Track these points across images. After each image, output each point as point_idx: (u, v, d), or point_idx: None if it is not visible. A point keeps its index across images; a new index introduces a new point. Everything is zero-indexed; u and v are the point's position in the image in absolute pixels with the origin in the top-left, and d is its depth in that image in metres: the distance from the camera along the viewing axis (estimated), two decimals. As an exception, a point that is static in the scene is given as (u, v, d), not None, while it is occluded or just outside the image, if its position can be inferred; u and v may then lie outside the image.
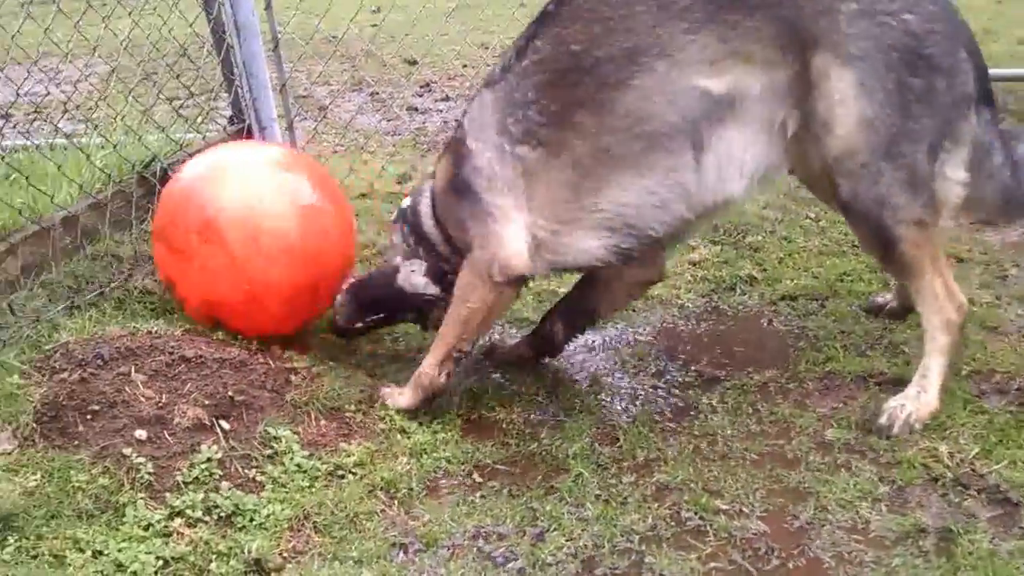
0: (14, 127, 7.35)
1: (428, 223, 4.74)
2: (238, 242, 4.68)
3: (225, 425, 4.23)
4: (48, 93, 7.16)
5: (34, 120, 7.61)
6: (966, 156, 4.10)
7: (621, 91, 4.16)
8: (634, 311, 5.53)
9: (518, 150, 4.31)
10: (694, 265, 5.92)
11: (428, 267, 4.78)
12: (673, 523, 3.83)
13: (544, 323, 5.06)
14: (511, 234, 4.37)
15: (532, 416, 4.65)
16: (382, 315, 4.97)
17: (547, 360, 5.16)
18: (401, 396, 4.62)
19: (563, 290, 5.28)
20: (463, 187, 4.44)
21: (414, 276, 4.81)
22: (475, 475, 4.24)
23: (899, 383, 4.52)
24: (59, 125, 6.25)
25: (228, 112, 7.19)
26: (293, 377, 4.66)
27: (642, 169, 4.22)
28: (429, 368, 4.57)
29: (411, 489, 4.11)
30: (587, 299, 4.97)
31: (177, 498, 3.87)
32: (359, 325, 4.98)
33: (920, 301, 4.29)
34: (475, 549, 3.77)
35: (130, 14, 6.35)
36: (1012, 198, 4.30)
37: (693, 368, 4.95)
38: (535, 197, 4.34)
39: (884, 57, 3.97)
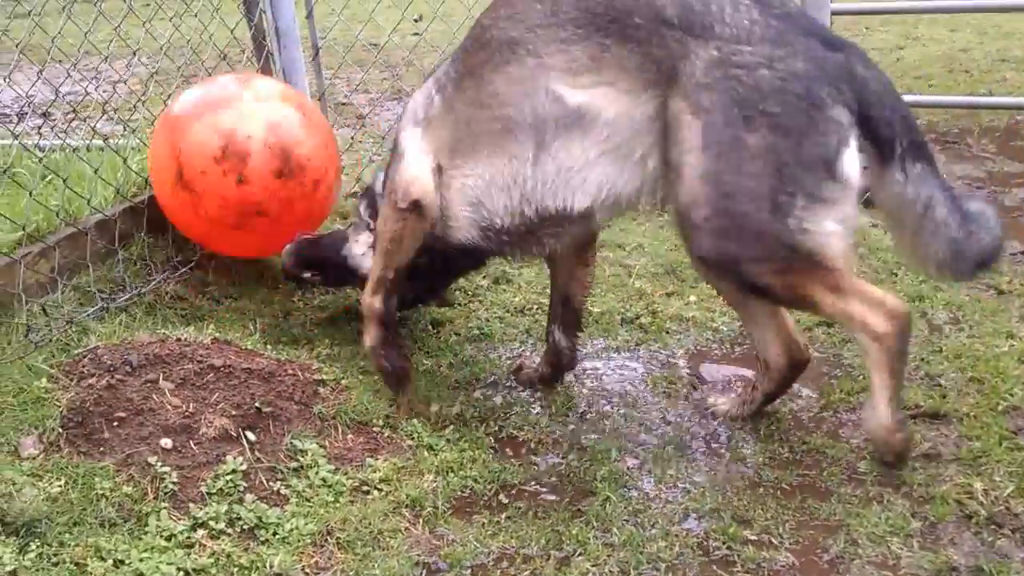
0: (52, 129, 7.34)
1: (379, 195, 5.02)
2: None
3: (251, 436, 4.21)
4: (87, 93, 7.15)
5: (72, 120, 7.61)
6: (838, 215, 3.88)
7: (497, 73, 4.31)
8: (667, 333, 5.49)
9: (435, 97, 4.57)
10: (730, 288, 5.87)
11: (373, 241, 4.98)
12: (700, 552, 3.79)
13: (547, 336, 5.09)
14: (410, 163, 4.59)
15: (561, 437, 4.61)
16: (319, 275, 5.34)
17: (565, 375, 5.13)
18: (364, 336, 4.86)
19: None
20: (396, 141, 4.77)
21: (356, 247, 5.15)
22: (501, 495, 4.19)
23: (935, 417, 4.52)
24: (97, 127, 6.22)
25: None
26: (321, 389, 4.64)
27: (496, 148, 4.34)
28: (366, 297, 4.83)
29: (436, 507, 4.06)
30: (558, 294, 5.07)
31: (200, 509, 3.86)
32: (305, 275, 5.35)
33: (840, 323, 4.21)
34: (499, 571, 3.73)
35: (171, 19, 6.33)
36: (961, 252, 4.03)
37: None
38: (434, 141, 4.54)
39: (727, 112, 3.84)
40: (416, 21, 12.27)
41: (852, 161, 3.87)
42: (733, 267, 3.97)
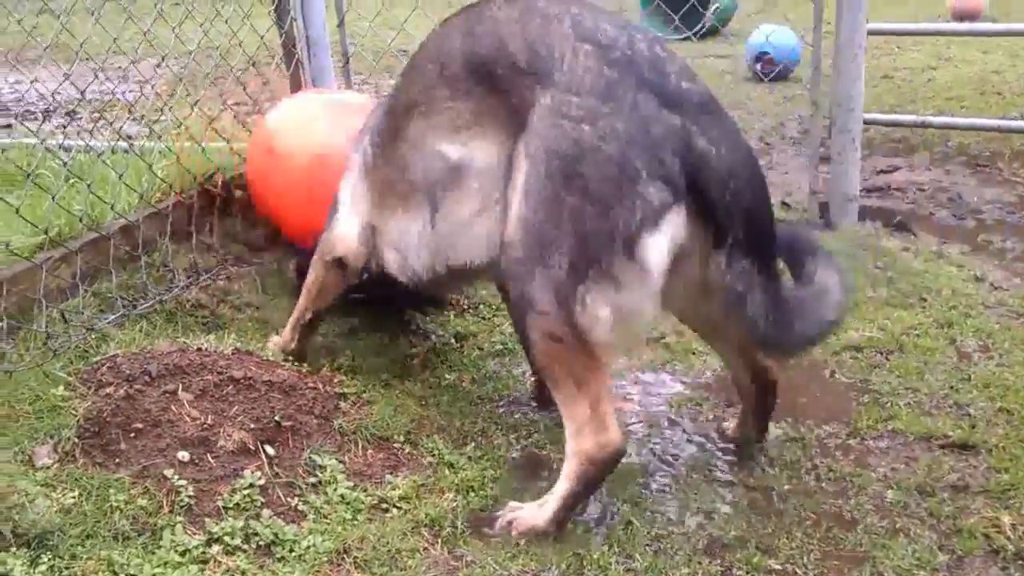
0: (78, 133, 7.32)
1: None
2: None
3: (270, 450, 4.17)
4: (114, 94, 7.13)
5: (98, 119, 7.58)
6: (620, 302, 3.75)
7: (400, 137, 4.43)
8: (693, 354, 5.43)
9: (366, 156, 4.70)
10: (758, 309, 5.81)
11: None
12: (724, 581, 3.73)
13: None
14: (342, 221, 4.80)
15: (584, 457, 4.53)
16: None
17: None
18: (271, 348, 5.05)
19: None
20: (341, 179, 4.93)
21: None
22: (522, 516, 4.12)
23: (963, 447, 4.46)
24: (123, 129, 6.19)
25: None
26: (342, 403, 4.60)
27: (407, 208, 4.45)
28: (284, 336, 5.10)
29: (456, 527, 3.99)
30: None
31: (216, 524, 3.79)
32: None
33: (562, 416, 4.03)
34: (518, 595, 3.68)
35: (201, 25, 6.30)
36: (770, 342, 4.01)
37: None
38: (363, 200, 4.72)
39: (548, 162, 3.72)
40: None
41: (657, 248, 3.71)
42: (522, 311, 3.87)
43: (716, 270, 3.79)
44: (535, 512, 4.01)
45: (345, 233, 4.77)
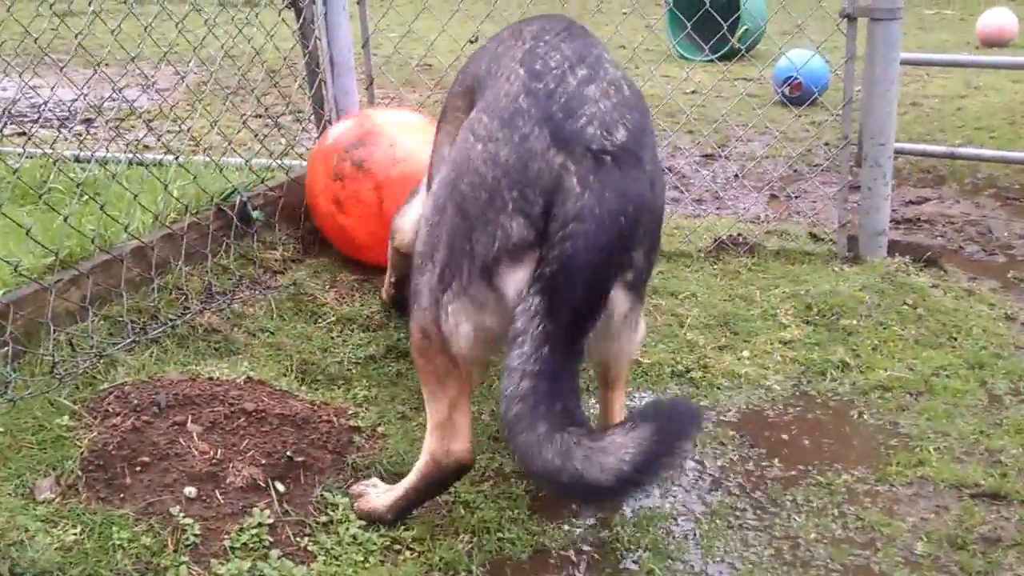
0: (92, 153, 7.24)
1: None
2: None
3: (280, 487, 4.08)
4: (132, 105, 7.07)
5: (115, 132, 7.52)
6: (480, 322, 3.71)
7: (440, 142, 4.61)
8: (719, 389, 5.30)
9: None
10: (784, 344, 5.68)
11: None
12: (747, 637, 3.61)
13: None
14: (406, 212, 5.24)
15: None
16: None
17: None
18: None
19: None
20: None
21: None
22: (538, 562, 4.00)
23: (995, 497, 4.32)
24: (141, 143, 6.14)
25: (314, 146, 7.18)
26: (356, 437, 4.52)
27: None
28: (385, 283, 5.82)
29: (471, 571, 3.88)
30: None
31: (222, 565, 3.68)
32: None
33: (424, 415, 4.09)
34: (532, 647, 3.56)
35: (223, 46, 6.23)
36: (508, 419, 3.49)
37: (777, 459, 4.69)
38: None
39: (449, 170, 3.83)
40: (472, 42, 12.19)
41: (514, 283, 3.61)
42: (411, 300, 3.99)
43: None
44: (379, 496, 4.12)
45: (402, 224, 5.29)
